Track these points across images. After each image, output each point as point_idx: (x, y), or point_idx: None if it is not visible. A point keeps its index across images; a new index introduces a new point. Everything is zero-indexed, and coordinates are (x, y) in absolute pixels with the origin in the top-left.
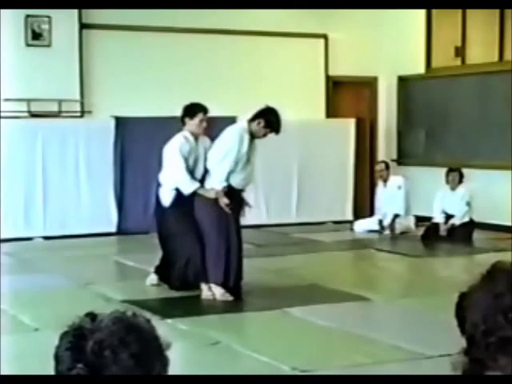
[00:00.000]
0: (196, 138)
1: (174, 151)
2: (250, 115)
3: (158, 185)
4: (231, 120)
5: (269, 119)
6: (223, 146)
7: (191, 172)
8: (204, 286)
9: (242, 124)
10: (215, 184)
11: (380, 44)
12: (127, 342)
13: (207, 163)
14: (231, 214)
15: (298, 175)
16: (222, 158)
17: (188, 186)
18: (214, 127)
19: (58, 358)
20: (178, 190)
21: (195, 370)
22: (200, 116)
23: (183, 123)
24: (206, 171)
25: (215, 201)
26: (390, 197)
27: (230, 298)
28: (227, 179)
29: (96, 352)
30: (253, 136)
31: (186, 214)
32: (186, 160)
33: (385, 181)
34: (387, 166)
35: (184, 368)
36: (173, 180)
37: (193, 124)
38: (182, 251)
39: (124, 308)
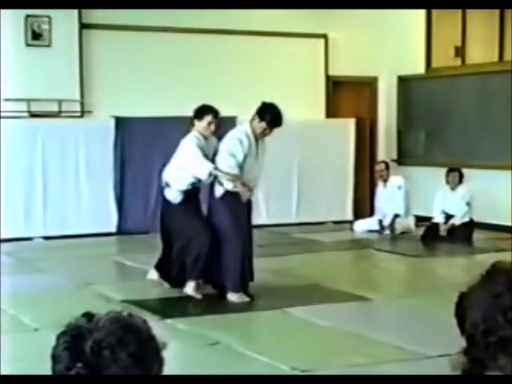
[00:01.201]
0: (205, 138)
1: (189, 144)
2: (249, 115)
3: (166, 185)
4: (231, 120)
5: (262, 113)
6: (224, 149)
7: None
8: (191, 283)
9: (242, 127)
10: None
11: (380, 44)
12: (126, 342)
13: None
14: (243, 215)
15: (297, 175)
16: (223, 159)
17: (204, 167)
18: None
19: (55, 358)
20: (185, 192)
21: (195, 370)
22: (208, 118)
23: (192, 124)
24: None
25: (233, 203)
26: (389, 197)
27: (246, 299)
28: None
29: (95, 351)
30: (256, 137)
31: (195, 211)
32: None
33: (385, 181)
34: (387, 166)
35: (184, 368)
36: (187, 166)
37: (200, 126)
38: (191, 248)
39: (123, 308)
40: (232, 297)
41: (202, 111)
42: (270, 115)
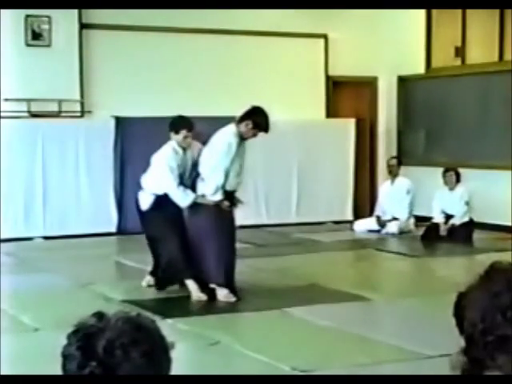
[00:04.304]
0: (184, 149)
1: (162, 163)
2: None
3: (139, 187)
4: (230, 120)
5: (256, 120)
6: (215, 154)
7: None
8: (193, 285)
9: (231, 129)
10: (211, 196)
11: (380, 44)
12: (138, 341)
13: (199, 168)
14: (227, 215)
15: (297, 175)
16: (214, 167)
17: (184, 199)
18: (214, 127)
19: (67, 357)
20: (157, 196)
21: (195, 370)
22: (184, 133)
23: (170, 135)
24: (197, 175)
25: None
26: (395, 198)
27: (232, 298)
28: (223, 188)
29: (108, 351)
30: (242, 137)
31: (165, 219)
32: (175, 170)
33: (394, 176)
34: (399, 163)
35: (184, 368)
36: (161, 188)
37: (177, 138)
38: (163, 254)
39: (124, 308)
40: (218, 291)
41: (178, 125)
42: (265, 124)
